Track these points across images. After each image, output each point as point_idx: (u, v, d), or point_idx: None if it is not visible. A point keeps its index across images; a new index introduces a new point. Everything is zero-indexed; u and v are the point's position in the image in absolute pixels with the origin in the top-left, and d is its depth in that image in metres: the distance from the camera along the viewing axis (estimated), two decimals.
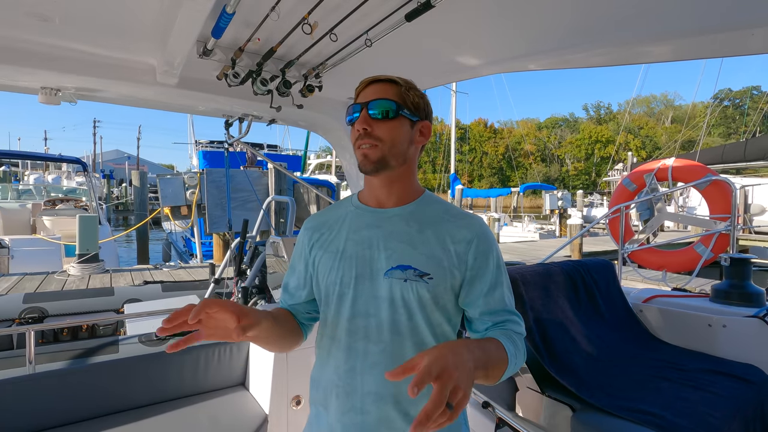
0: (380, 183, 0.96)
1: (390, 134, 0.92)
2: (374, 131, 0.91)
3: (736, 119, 44.13)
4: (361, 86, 0.97)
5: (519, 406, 1.93)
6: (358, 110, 0.93)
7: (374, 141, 0.91)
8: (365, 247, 0.93)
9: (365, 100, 0.93)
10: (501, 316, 0.92)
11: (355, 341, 0.90)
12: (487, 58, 1.85)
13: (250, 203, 8.44)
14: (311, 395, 1.00)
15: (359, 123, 0.92)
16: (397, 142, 0.93)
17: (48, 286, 5.60)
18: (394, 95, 0.93)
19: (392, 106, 0.92)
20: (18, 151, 18.05)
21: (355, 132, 0.93)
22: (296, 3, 1.38)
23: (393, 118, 0.92)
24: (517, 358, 0.85)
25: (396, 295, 0.88)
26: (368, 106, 0.92)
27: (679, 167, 4.70)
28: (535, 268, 2.24)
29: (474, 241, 0.92)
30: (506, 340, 0.85)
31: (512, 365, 0.83)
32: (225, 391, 2.18)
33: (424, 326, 0.89)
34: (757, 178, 13.33)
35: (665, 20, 1.38)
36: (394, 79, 0.95)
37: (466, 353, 0.68)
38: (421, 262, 0.89)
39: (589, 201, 22.76)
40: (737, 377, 1.83)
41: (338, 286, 0.94)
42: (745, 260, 2.30)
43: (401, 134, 0.93)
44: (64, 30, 1.54)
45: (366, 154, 0.92)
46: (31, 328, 2.01)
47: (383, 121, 0.92)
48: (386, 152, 0.92)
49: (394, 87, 0.94)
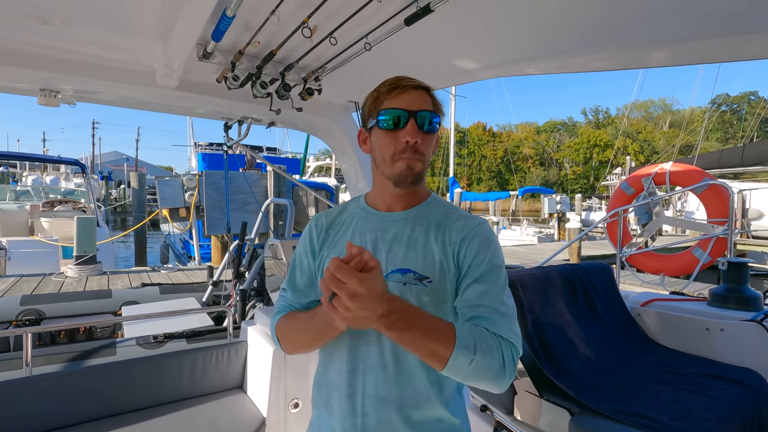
0: (403, 192, 0.94)
1: (430, 149, 0.91)
2: (421, 145, 0.88)
3: (734, 124, 44.33)
4: (400, 88, 0.89)
5: (517, 410, 1.92)
6: (405, 118, 0.87)
7: (420, 155, 0.88)
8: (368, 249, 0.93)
9: (411, 108, 0.87)
10: (482, 311, 0.83)
11: (357, 343, 0.90)
12: (485, 62, 1.86)
13: (249, 205, 8.43)
14: (314, 398, 1.00)
15: (410, 134, 0.86)
16: (430, 156, 0.92)
17: (45, 287, 5.57)
18: (435, 107, 0.91)
19: (437, 120, 0.90)
20: (16, 152, 18.02)
21: (400, 141, 0.87)
22: (296, 7, 1.39)
23: (435, 131, 0.90)
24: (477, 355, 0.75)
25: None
26: (417, 117, 0.87)
27: (676, 171, 4.72)
28: (534, 272, 2.24)
29: (467, 238, 0.90)
30: (466, 330, 0.78)
31: (462, 355, 0.74)
32: (223, 394, 2.18)
33: None
34: (754, 183, 13.37)
35: (663, 26, 1.39)
36: (428, 87, 0.92)
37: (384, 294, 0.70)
38: (421, 265, 0.88)
39: (588, 205, 22.78)
40: (735, 381, 1.83)
41: None
42: (742, 264, 2.30)
43: (435, 147, 0.93)
44: (65, 32, 1.55)
45: (411, 167, 0.88)
46: (28, 330, 2.00)
47: (428, 135, 0.89)
48: (425, 167, 0.90)
49: (429, 96, 0.91)
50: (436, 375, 0.88)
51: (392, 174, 0.90)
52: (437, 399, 0.88)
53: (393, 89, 0.90)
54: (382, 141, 0.90)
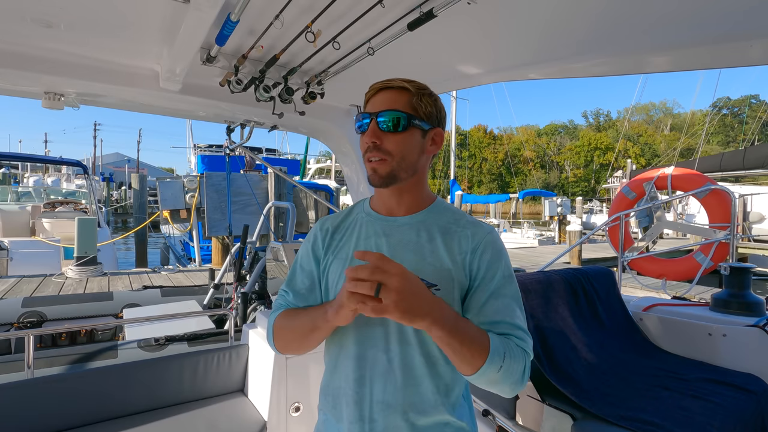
0: (390, 193, 0.94)
1: (400, 147, 0.88)
2: (383, 144, 0.87)
3: (735, 128, 44.34)
4: (370, 92, 0.92)
5: (519, 415, 1.92)
6: (368, 120, 0.89)
7: (383, 155, 0.87)
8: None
9: (375, 110, 0.89)
10: (503, 327, 0.84)
11: (365, 350, 0.89)
12: (487, 67, 1.87)
13: (250, 207, 8.44)
14: (321, 402, 0.99)
15: (368, 135, 0.88)
16: (407, 155, 0.89)
17: (45, 288, 5.58)
18: (405, 105, 0.89)
19: (403, 117, 0.87)
20: (18, 153, 18.07)
21: (364, 144, 0.89)
22: (300, 12, 1.40)
23: (403, 130, 0.88)
24: (506, 362, 0.78)
25: None
26: (377, 117, 0.88)
27: (678, 176, 4.72)
28: (536, 276, 2.24)
29: (479, 248, 0.89)
30: (498, 340, 0.80)
31: (494, 362, 0.77)
32: (224, 397, 2.18)
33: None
34: (755, 186, 13.37)
35: (664, 31, 1.39)
36: (406, 85, 0.90)
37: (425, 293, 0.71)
38: (429, 272, 0.87)
39: (589, 208, 22.77)
40: (737, 387, 1.83)
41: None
42: (744, 269, 2.30)
43: (412, 146, 0.90)
44: (69, 36, 1.55)
45: (375, 169, 0.88)
46: (29, 332, 2.01)
47: (393, 134, 0.88)
48: (395, 166, 0.88)
49: (406, 95, 0.89)
50: (444, 382, 0.89)
51: (368, 175, 0.91)
52: (443, 405, 0.88)
53: (370, 95, 0.93)
54: (360, 145, 0.92)
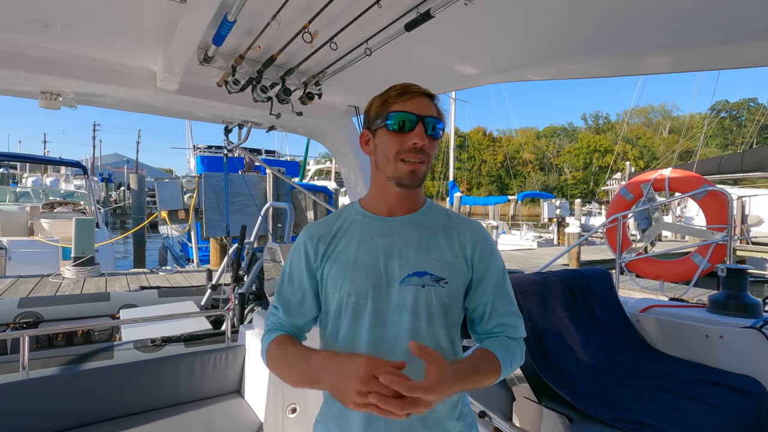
0: (404, 194, 0.97)
1: (434, 153, 0.95)
2: (426, 148, 0.92)
3: (733, 130, 44.44)
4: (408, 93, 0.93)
5: (516, 416, 1.92)
6: (413, 122, 0.91)
7: (425, 157, 0.93)
8: (379, 255, 0.93)
9: (420, 113, 0.91)
10: (503, 318, 0.97)
11: (378, 351, 0.89)
12: (485, 68, 1.87)
13: (248, 208, 8.43)
14: (322, 412, 0.99)
15: (417, 137, 0.90)
16: (433, 160, 0.97)
17: (42, 288, 5.56)
18: (438, 114, 0.95)
19: (442, 126, 0.95)
20: (18, 154, 18.02)
21: (407, 143, 0.90)
22: (297, 12, 1.40)
23: (439, 138, 0.95)
24: (512, 366, 0.92)
25: (416, 301, 0.90)
26: (425, 122, 0.91)
27: (675, 178, 4.72)
28: (533, 278, 2.24)
29: (478, 243, 0.97)
30: (502, 351, 0.91)
31: (504, 373, 0.90)
32: (220, 398, 2.17)
33: (441, 330, 0.93)
34: (754, 189, 13.40)
35: (662, 33, 1.39)
36: (433, 95, 0.97)
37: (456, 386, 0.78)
38: (435, 267, 0.92)
39: (587, 210, 22.80)
40: (734, 388, 1.83)
41: (353, 297, 0.92)
42: (741, 271, 2.30)
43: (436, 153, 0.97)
44: (66, 35, 1.55)
45: (415, 171, 0.92)
46: (25, 333, 2.00)
47: (434, 140, 0.94)
48: (426, 170, 0.95)
49: (434, 104, 0.96)
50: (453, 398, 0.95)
51: (394, 174, 0.92)
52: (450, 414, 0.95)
53: (403, 94, 0.93)
54: (389, 142, 0.92)
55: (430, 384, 0.72)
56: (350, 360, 0.76)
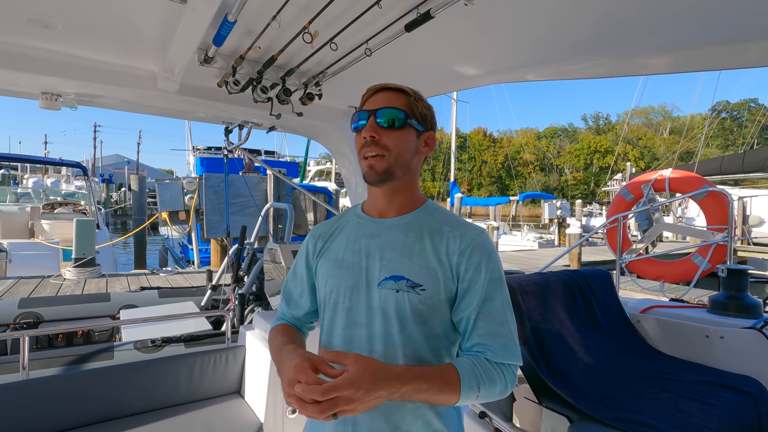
0: (383, 193, 0.95)
1: (396, 143, 0.91)
2: (381, 140, 0.90)
3: (734, 131, 44.42)
4: (368, 93, 0.96)
5: (516, 417, 1.91)
6: (365, 117, 0.92)
7: (381, 150, 0.90)
8: (362, 256, 0.93)
9: (373, 108, 0.92)
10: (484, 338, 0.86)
11: (350, 350, 0.89)
12: (485, 69, 1.87)
13: (249, 209, 8.43)
14: None
15: (366, 130, 0.90)
16: (402, 152, 0.92)
17: (43, 290, 5.56)
18: (403, 104, 0.92)
19: (400, 115, 0.91)
20: (18, 155, 18.04)
21: (361, 139, 0.92)
22: (297, 13, 1.40)
23: (400, 127, 0.91)
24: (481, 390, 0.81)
25: (388, 305, 0.88)
26: (376, 114, 0.91)
27: (676, 178, 4.72)
28: (533, 278, 2.24)
29: (467, 251, 0.89)
30: (468, 370, 0.81)
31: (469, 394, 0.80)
32: (220, 398, 2.17)
33: (418, 338, 0.87)
34: (755, 190, 13.39)
35: (663, 34, 1.39)
36: (404, 88, 0.95)
37: (384, 383, 0.73)
38: (414, 272, 0.87)
39: (588, 210, 22.79)
40: (735, 389, 1.82)
41: (334, 294, 0.94)
42: (742, 271, 2.30)
43: (407, 144, 0.93)
44: (66, 36, 1.56)
45: (372, 165, 0.90)
46: (25, 333, 2.00)
47: (390, 130, 0.91)
48: (392, 163, 0.91)
49: (403, 96, 0.94)
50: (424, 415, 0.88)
51: (364, 173, 0.93)
52: (428, 409, 0.88)
53: (368, 96, 0.96)
54: (355, 143, 0.96)
55: (345, 378, 0.71)
56: (290, 361, 0.79)
